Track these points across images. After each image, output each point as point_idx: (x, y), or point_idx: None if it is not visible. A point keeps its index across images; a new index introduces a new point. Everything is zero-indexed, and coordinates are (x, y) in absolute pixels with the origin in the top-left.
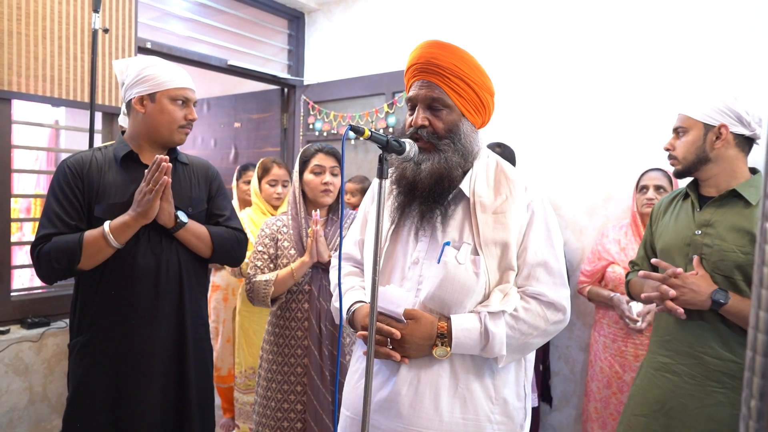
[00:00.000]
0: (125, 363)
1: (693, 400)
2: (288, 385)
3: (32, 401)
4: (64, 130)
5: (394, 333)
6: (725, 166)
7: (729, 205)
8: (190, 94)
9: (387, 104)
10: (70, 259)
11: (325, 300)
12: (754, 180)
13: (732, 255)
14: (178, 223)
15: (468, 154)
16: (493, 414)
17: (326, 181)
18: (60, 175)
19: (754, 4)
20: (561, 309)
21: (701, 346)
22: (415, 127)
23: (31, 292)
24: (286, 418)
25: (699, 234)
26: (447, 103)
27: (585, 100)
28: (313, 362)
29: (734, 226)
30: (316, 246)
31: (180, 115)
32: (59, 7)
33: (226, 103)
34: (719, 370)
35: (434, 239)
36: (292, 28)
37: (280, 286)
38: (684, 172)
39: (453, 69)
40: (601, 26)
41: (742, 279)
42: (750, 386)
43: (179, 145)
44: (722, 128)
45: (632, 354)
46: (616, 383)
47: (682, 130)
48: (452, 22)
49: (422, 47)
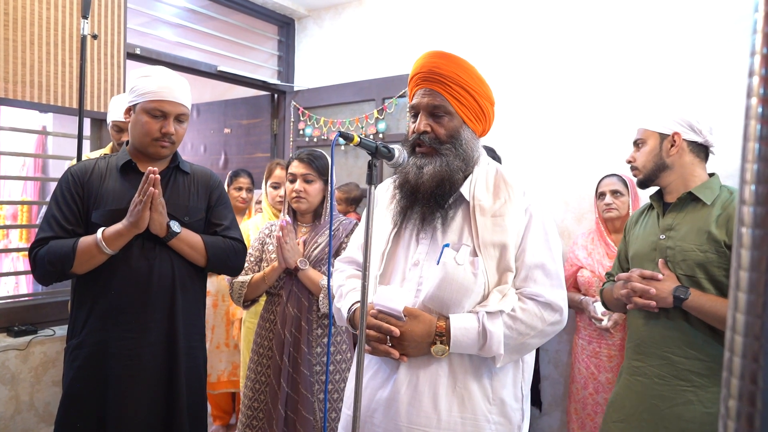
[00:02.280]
0: (114, 367)
1: (663, 401)
2: (259, 384)
3: (18, 411)
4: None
5: (394, 330)
6: (682, 172)
7: (688, 208)
8: (168, 108)
9: (377, 110)
10: (63, 264)
11: (292, 306)
12: (709, 182)
13: (692, 254)
14: (170, 233)
15: (469, 160)
16: (491, 414)
17: (296, 188)
18: (63, 182)
19: (738, 15)
20: (558, 310)
21: (668, 347)
22: (417, 133)
23: (17, 300)
24: (255, 417)
25: (663, 238)
26: (448, 110)
27: (572, 107)
28: (274, 366)
29: (693, 226)
30: (281, 252)
31: (155, 128)
32: (48, 12)
33: (216, 109)
34: (686, 368)
35: (434, 241)
36: (282, 34)
37: (253, 288)
38: (646, 181)
39: (455, 78)
40: (587, 35)
41: (704, 277)
42: (728, 386)
43: (159, 158)
44: (675, 136)
45: (606, 355)
46: (592, 384)
47: (641, 142)
48: (441, 29)
49: (426, 57)
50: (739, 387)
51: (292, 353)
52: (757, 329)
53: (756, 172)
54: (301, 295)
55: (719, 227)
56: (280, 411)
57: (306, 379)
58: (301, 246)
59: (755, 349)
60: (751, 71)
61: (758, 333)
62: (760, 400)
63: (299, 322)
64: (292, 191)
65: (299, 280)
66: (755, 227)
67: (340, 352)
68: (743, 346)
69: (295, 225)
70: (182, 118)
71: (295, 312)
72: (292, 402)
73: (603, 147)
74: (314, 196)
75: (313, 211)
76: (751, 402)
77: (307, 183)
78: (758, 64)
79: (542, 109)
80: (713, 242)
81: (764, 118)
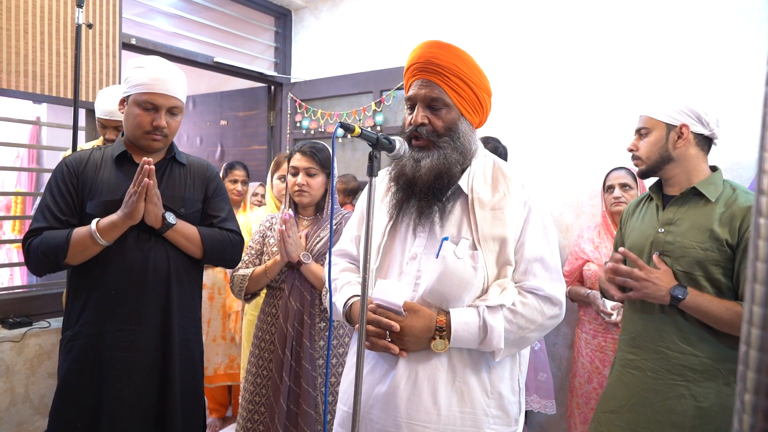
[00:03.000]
0: (108, 359)
1: (656, 394)
2: (261, 379)
3: (14, 402)
4: (45, 126)
5: (393, 325)
6: (687, 165)
7: (691, 203)
8: (159, 101)
9: (374, 102)
10: (57, 255)
11: (295, 300)
12: (713, 177)
13: (692, 251)
14: (165, 224)
15: (466, 152)
16: (489, 408)
17: (299, 182)
18: (57, 172)
19: (738, 7)
20: (557, 303)
21: (663, 341)
22: (414, 126)
23: (12, 292)
24: (257, 411)
25: (662, 232)
26: (446, 102)
27: (570, 100)
28: (276, 360)
29: (695, 223)
30: (284, 246)
31: (146, 120)
32: (42, 1)
33: (212, 101)
34: (680, 363)
35: (432, 235)
36: (279, 25)
37: (254, 282)
38: (648, 172)
39: (452, 69)
40: (587, 26)
41: (702, 275)
42: (744, 380)
43: (153, 151)
44: (683, 128)
45: (611, 349)
46: (596, 378)
47: (645, 131)
48: (439, 20)
49: (422, 47)
50: (755, 380)
51: (295, 347)
52: None
53: None
54: (303, 289)
55: (722, 226)
56: (282, 405)
57: (308, 373)
58: (303, 240)
59: None
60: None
61: None
62: None
63: (302, 315)
64: (295, 184)
65: (301, 273)
66: None
67: (343, 345)
68: (760, 338)
69: (297, 218)
70: (175, 111)
71: (298, 306)
72: (294, 396)
73: (602, 140)
74: (317, 190)
75: (315, 204)
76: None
77: (309, 176)
78: None
79: (542, 102)
80: (715, 240)
81: None
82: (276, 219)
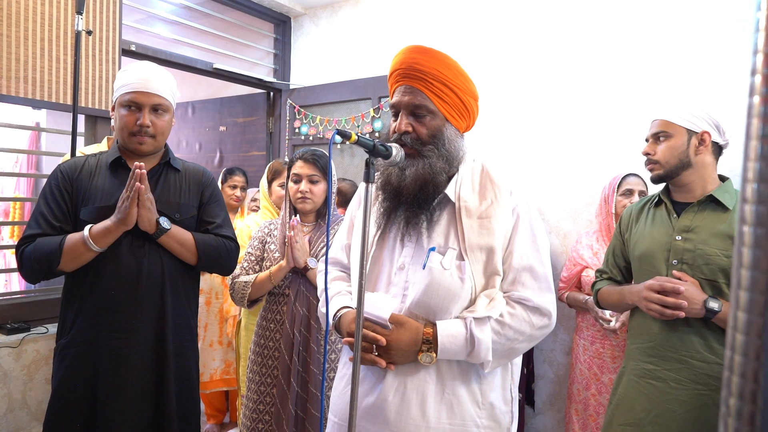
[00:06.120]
0: (102, 367)
1: (680, 405)
2: (264, 386)
3: (11, 409)
4: (45, 132)
5: (380, 340)
6: (702, 173)
7: (708, 210)
8: (141, 99)
9: (373, 109)
10: (50, 261)
11: (301, 305)
12: (726, 186)
13: (716, 258)
14: (159, 229)
15: (453, 159)
16: (480, 419)
17: (301, 189)
18: (52, 179)
19: (736, 14)
20: (546, 314)
21: (687, 350)
22: (399, 134)
23: (10, 297)
24: (261, 420)
25: (680, 239)
26: (430, 108)
27: (567, 105)
28: (282, 366)
29: (715, 230)
30: (291, 251)
31: (131, 120)
32: (42, 8)
33: (212, 107)
34: (705, 372)
35: (420, 245)
36: (278, 32)
37: (258, 288)
38: (664, 177)
39: (435, 74)
40: (584, 35)
41: (725, 282)
42: (729, 385)
43: (142, 154)
44: (705, 135)
45: (609, 356)
46: (594, 385)
47: (664, 135)
48: (437, 27)
49: (404, 52)
50: (740, 385)
51: (302, 352)
52: (758, 327)
53: (758, 170)
54: (309, 294)
55: None
56: (290, 410)
57: (316, 377)
58: (306, 245)
59: (756, 347)
60: (754, 70)
61: (759, 331)
62: (761, 398)
63: (308, 320)
64: (297, 191)
65: (307, 279)
66: (757, 225)
67: (337, 353)
68: (744, 344)
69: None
70: (160, 109)
71: (304, 311)
72: (301, 401)
73: (600, 146)
74: (319, 197)
75: (316, 210)
76: (752, 400)
77: (312, 183)
78: (761, 62)
79: (536, 106)
80: None
81: (766, 116)
82: (275, 225)
